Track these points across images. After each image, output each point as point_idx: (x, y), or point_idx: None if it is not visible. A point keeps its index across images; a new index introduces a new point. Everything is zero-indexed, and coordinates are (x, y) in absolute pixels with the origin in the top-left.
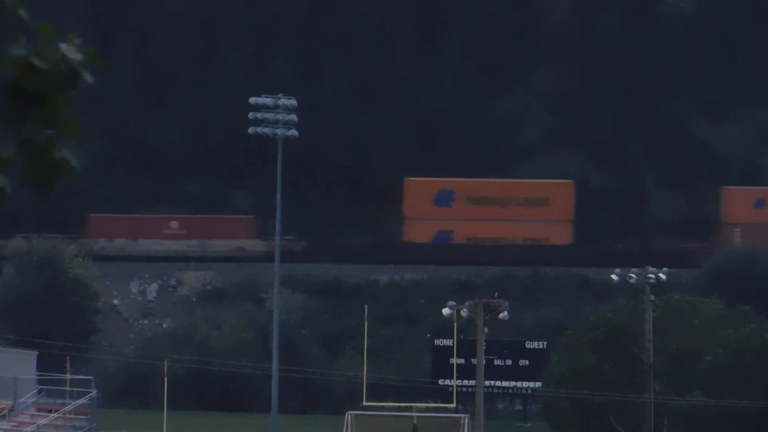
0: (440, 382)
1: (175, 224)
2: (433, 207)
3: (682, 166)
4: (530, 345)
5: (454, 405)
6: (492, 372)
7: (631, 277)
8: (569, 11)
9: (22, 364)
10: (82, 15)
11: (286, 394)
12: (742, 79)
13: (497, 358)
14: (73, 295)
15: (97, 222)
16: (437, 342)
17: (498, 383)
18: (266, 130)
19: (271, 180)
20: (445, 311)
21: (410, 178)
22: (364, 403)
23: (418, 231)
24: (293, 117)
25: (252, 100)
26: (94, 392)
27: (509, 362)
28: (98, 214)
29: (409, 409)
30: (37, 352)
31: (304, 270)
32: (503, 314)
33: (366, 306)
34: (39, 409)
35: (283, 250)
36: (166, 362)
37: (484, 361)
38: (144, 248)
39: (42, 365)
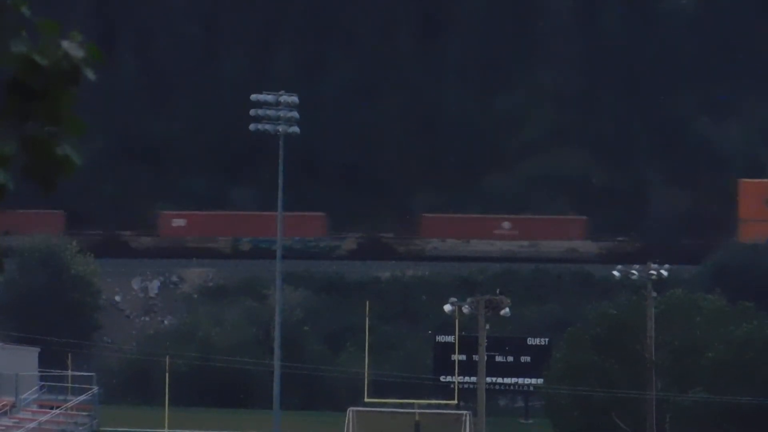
0: (442, 378)
1: (507, 225)
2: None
3: (684, 163)
4: (532, 341)
5: (455, 402)
6: (494, 369)
7: (633, 274)
8: (571, 8)
9: (24, 360)
10: (84, 12)
11: (288, 390)
12: (745, 76)
13: (499, 355)
14: (75, 291)
15: (429, 222)
16: (439, 338)
17: (500, 380)
18: (267, 126)
19: (272, 177)
20: (447, 308)
21: (744, 180)
22: (366, 400)
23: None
24: (295, 114)
25: (253, 96)
26: (95, 389)
27: (511, 359)
28: (431, 214)
29: (411, 405)
30: (38, 349)
31: (305, 266)
32: (505, 311)
33: (368, 302)
34: (41, 406)
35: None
36: (167, 359)
37: (485, 358)
38: (475, 249)
39: (44, 362)
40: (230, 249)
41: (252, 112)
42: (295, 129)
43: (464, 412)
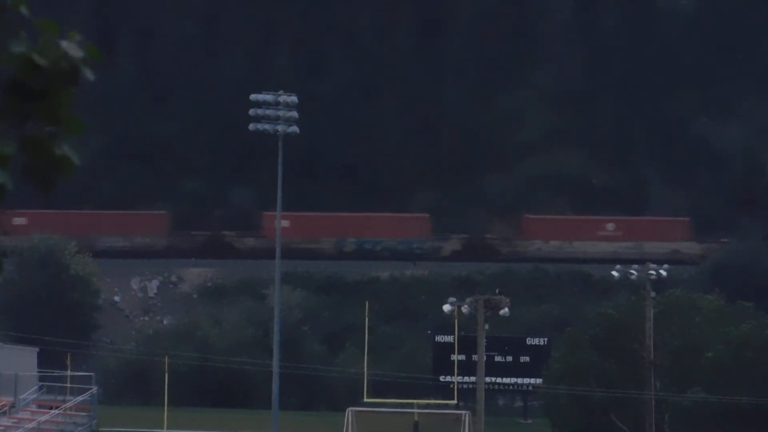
0: (441, 378)
1: (611, 226)
2: None
3: (683, 163)
4: (531, 341)
5: (455, 401)
6: (493, 368)
7: (632, 274)
8: (571, 8)
9: (23, 360)
10: (83, 12)
11: (287, 390)
12: (744, 76)
13: (498, 355)
14: (74, 291)
15: (532, 223)
16: (438, 338)
17: (499, 380)
18: (267, 126)
19: (271, 176)
20: (446, 308)
21: None
22: (365, 400)
23: None
24: (294, 113)
25: (252, 96)
26: (94, 389)
27: (510, 359)
28: (534, 216)
29: (410, 405)
30: (38, 349)
31: (304, 266)
32: (504, 311)
33: (367, 302)
34: (40, 406)
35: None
36: (166, 359)
37: (485, 358)
38: (579, 250)
39: (43, 362)
40: (334, 250)
41: (251, 111)
42: (295, 129)
43: (463, 411)
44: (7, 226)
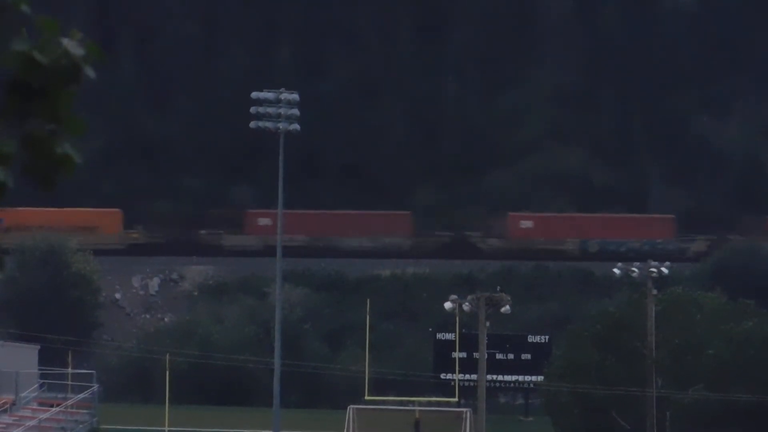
0: (442, 376)
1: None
2: None
3: (683, 162)
4: (532, 339)
5: (456, 399)
6: (494, 366)
7: (634, 272)
8: (571, 6)
9: (24, 358)
10: (84, 10)
11: (288, 388)
12: (744, 74)
13: (499, 353)
14: (75, 289)
15: None
16: (439, 336)
17: (500, 377)
18: (268, 124)
19: (272, 175)
20: (447, 305)
21: None
22: (366, 398)
23: None
24: (295, 111)
25: (254, 94)
26: (95, 386)
27: (511, 356)
28: None
29: (411, 403)
30: (38, 347)
31: (306, 264)
32: (505, 308)
33: (368, 300)
34: (41, 404)
35: None
36: (167, 357)
37: (486, 356)
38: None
39: (44, 359)
40: (578, 251)
41: (252, 109)
42: (296, 126)
43: (464, 409)
44: (253, 227)
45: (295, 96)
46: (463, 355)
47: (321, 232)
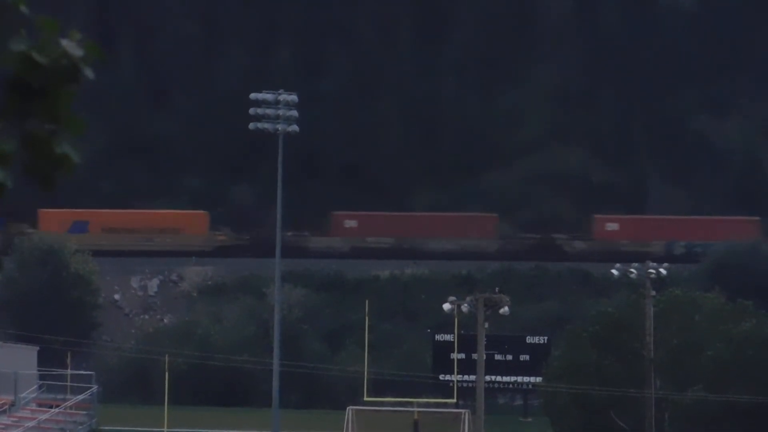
0: (441, 377)
1: None
2: None
3: (683, 161)
4: (531, 340)
5: (454, 400)
6: (493, 367)
7: (632, 272)
8: (571, 6)
9: (23, 359)
10: (83, 10)
11: (287, 388)
12: (743, 73)
13: (498, 353)
14: (74, 290)
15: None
16: (438, 337)
17: (499, 378)
18: (267, 126)
19: (271, 175)
20: (446, 306)
21: None
22: (365, 398)
23: None
24: (294, 113)
25: (252, 95)
26: (94, 387)
27: (510, 357)
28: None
29: (410, 404)
30: (38, 348)
31: (305, 264)
32: (504, 309)
33: (367, 301)
34: (40, 405)
35: None
36: (167, 357)
37: (484, 356)
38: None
39: (43, 360)
40: (664, 253)
41: (251, 110)
42: (295, 128)
43: (463, 410)
44: (339, 228)
45: (294, 97)
46: (462, 355)
47: (406, 234)
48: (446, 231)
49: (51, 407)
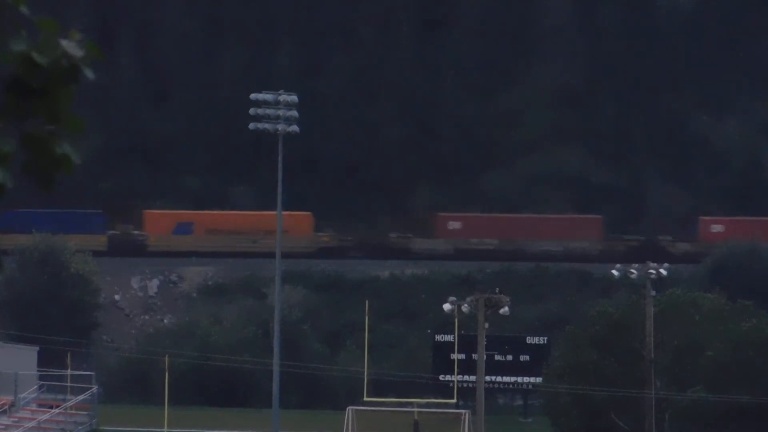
0: (441, 377)
1: None
2: None
3: (682, 161)
4: (531, 340)
5: (454, 400)
6: (493, 367)
7: (632, 273)
8: (570, 6)
9: (23, 359)
10: (83, 10)
11: (287, 389)
12: (743, 73)
13: (498, 354)
14: (74, 290)
15: None
16: (438, 337)
17: (499, 378)
18: (267, 126)
19: (272, 175)
20: (446, 307)
21: None
22: (365, 399)
23: None
24: (294, 113)
25: (252, 95)
26: (95, 388)
27: (510, 357)
28: None
29: (410, 404)
30: (38, 348)
31: (305, 265)
32: (504, 309)
33: (367, 301)
34: (40, 405)
35: None
36: (167, 358)
37: (485, 357)
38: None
39: (43, 361)
40: None
41: (251, 111)
42: (295, 128)
43: (463, 411)
44: (443, 230)
45: (294, 97)
46: (462, 356)
47: (510, 236)
48: (550, 233)
49: (51, 408)
